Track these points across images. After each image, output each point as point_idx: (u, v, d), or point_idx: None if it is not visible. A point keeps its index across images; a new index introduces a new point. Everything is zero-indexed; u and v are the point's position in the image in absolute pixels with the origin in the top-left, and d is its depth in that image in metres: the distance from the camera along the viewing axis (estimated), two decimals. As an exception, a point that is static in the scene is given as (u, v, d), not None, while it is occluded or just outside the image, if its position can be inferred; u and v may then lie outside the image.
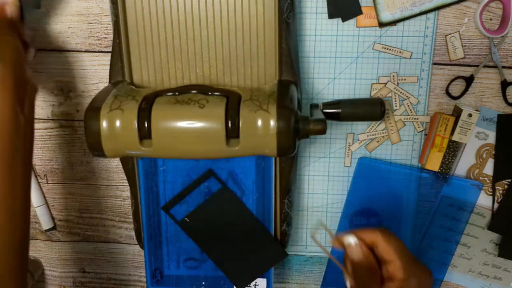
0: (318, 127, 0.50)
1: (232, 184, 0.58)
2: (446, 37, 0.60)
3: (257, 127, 0.48)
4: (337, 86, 0.63)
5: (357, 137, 0.65)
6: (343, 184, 0.67)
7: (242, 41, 0.54)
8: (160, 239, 0.61)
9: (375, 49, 0.61)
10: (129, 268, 0.75)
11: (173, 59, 0.55)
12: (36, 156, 0.69)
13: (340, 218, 0.68)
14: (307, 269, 0.72)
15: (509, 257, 0.66)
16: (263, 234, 0.59)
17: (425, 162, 0.63)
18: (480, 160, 0.64)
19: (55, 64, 0.64)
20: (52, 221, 0.72)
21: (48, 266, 0.75)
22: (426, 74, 0.61)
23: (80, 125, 0.67)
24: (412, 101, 0.63)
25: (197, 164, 0.57)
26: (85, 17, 0.62)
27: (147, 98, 0.50)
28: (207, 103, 0.49)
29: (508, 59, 0.61)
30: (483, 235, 0.67)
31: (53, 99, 0.66)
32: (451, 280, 0.70)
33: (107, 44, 0.63)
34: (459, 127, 0.60)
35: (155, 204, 0.59)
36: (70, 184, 0.70)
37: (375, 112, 0.56)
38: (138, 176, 0.58)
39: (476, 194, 0.65)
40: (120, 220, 0.72)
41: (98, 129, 0.48)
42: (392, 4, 0.59)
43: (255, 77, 0.55)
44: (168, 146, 0.49)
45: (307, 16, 0.60)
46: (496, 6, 0.59)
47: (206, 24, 0.54)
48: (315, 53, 0.61)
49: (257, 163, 0.57)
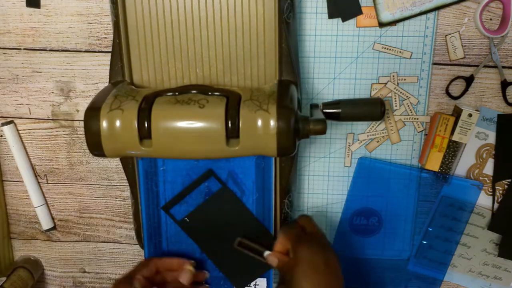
0: (318, 127, 0.50)
1: (232, 184, 0.58)
2: (446, 37, 0.60)
3: (257, 127, 0.48)
4: (337, 86, 0.63)
5: (357, 137, 0.65)
6: (343, 184, 0.67)
7: (242, 41, 0.54)
8: (160, 239, 0.61)
9: (375, 49, 0.61)
10: (129, 268, 0.74)
11: (173, 59, 0.55)
12: (36, 156, 0.69)
13: (340, 218, 0.68)
14: (307, 269, 0.71)
15: (509, 257, 0.66)
16: (263, 234, 0.59)
17: (425, 162, 0.62)
18: (480, 160, 0.64)
19: (55, 64, 0.64)
20: (52, 221, 0.72)
21: (48, 266, 0.75)
22: (426, 74, 0.61)
23: (80, 125, 0.67)
24: (412, 101, 0.63)
25: (197, 164, 0.57)
26: (85, 17, 0.62)
27: (147, 98, 0.50)
28: (207, 103, 0.49)
29: (508, 59, 0.61)
30: (483, 235, 0.67)
31: (53, 99, 0.66)
32: (451, 280, 0.70)
33: (107, 44, 0.63)
34: (459, 127, 0.60)
35: (155, 204, 0.59)
36: (70, 184, 0.70)
37: (375, 112, 0.56)
38: (138, 176, 0.58)
39: (476, 194, 0.65)
40: (120, 220, 0.72)
41: (98, 129, 0.48)
42: (392, 4, 0.59)
43: (255, 77, 0.55)
44: (168, 146, 0.49)
45: (307, 16, 0.60)
46: (496, 6, 0.59)
47: (206, 24, 0.54)
48: (315, 53, 0.61)
49: (257, 163, 0.57)
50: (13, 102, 0.67)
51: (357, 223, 0.68)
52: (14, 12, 0.63)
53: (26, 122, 0.67)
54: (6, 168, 0.70)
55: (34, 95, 0.66)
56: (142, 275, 0.56)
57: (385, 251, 0.69)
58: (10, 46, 0.64)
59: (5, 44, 0.64)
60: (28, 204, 0.71)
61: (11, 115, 0.67)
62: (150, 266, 0.57)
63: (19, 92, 0.66)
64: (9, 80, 0.66)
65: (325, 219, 0.68)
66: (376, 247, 0.69)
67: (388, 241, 0.68)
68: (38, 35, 0.63)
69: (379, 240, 0.68)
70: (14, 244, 0.74)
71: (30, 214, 0.72)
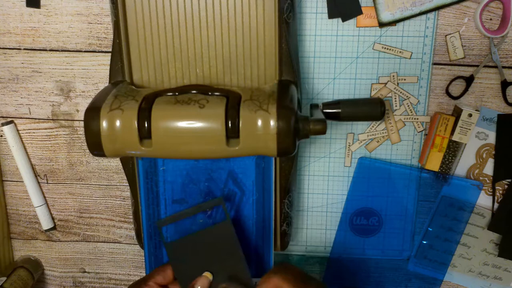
0: (318, 127, 0.49)
1: (232, 184, 0.58)
2: (446, 37, 0.60)
3: (257, 127, 0.48)
4: (337, 86, 0.63)
5: (357, 137, 0.65)
6: (343, 184, 0.67)
7: (242, 41, 0.54)
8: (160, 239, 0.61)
9: (375, 49, 0.61)
10: (129, 268, 0.75)
11: (173, 59, 0.55)
12: (36, 156, 0.69)
13: (340, 218, 0.68)
14: (307, 269, 0.71)
15: (509, 257, 0.66)
16: (245, 280, 0.55)
17: (425, 162, 0.62)
18: (480, 160, 0.64)
19: (55, 64, 0.64)
20: (52, 221, 0.72)
21: (48, 266, 0.75)
22: (426, 74, 0.61)
23: (80, 125, 0.67)
24: (412, 101, 0.63)
25: (197, 164, 0.57)
26: (85, 17, 0.62)
27: (147, 98, 0.50)
28: (207, 103, 0.49)
29: (508, 59, 0.61)
30: (483, 235, 0.67)
31: (53, 99, 0.66)
32: (451, 280, 0.70)
33: (107, 44, 0.63)
34: (459, 127, 0.60)
35: (155, 204, 0.59)
36: (70, 184, 0.70)
37: (375, 112, 0.56)
38: (138, 176, 0.58)
39: (476, 194, 0.65)
40: (120, 220, 0.72)
41: (98, 129, 0.48)
42: (392, 4, 0.59)
43: (255, 77, 0.55)
44: (168, 146, 0.49)
45: (307, 16, 0.60)
46: (496, 6, 0.59)
47: (206, 24, 0.54)
48: (315, 53, 0.61)
49: (257, 163, 0.57)
50: (13, 102, 0.67)
51: (357, 223, 0.68)
52: (14, 12, 0.63)
53: (26, 122, 0.67)
54: (6, 168, 0.70)
55: (34, 95, 0.66)
56: (156, 282, 0.54)
57: (385, 251, 0.69)
58: (10, 46, 0.64)
59: (5, 44, 0.64)
60: (28, 204, 0.71)
61: (11, 115, 0.67)
62: (167, 272, 0.55)
63: (19, 92, 0.66)
64: (9, 80, 0.66)
65: (325, 219, 0.68)
66: (376, 247, 0.69)
67: (388, 241, 0.68)
68: (38, 35, 0.63)
69: (379, 240, 0.68)
70: (14, 244, 0.74)
71: (30, 214, 0.72)
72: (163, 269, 0.55)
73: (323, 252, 0.70)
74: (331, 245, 0.69)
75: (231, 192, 0.59)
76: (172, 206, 0.59)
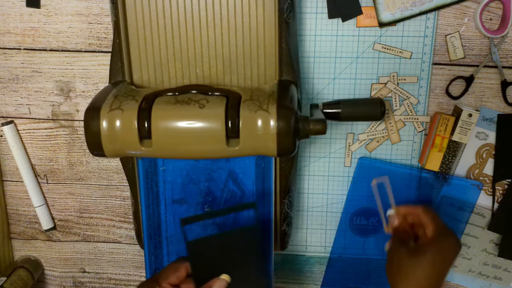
0: (318, 127, 0.49)
1: (232, 184, 0.58)
2: (446, 37, 0.60)
3: (257, 127, 0.48)
4: (337, 86, 0.63)
5: (357, 137, 0.65)
6: (343, 184, 0.67)
7: (242, 41, 0.54)
8: (160, 239, 0.61)
9: (375, 49, 0.61)
10: (129, 268, 0.75)
11: (173, 59, 0.55)
12: (36, 156, 0.69)
13: (340, 218, 0.68)
14: (307, 269, 0.72)
15: (509, 257, 0.66)
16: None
17: (425, 162, 0.62)
18: (480, 160, 0.64)
19: (55, 64, 0.64)
20: (52, 221, 0.72)
21: (48, 266, 0.75)
22: (426, 74, 0.61)
23: (80, 125, 0.67)
24: (412, 101, 0.63)
25: (197, 164, 0.57)
26: (85, 17, 0.62)
27: (147, 98, 0.50)
28: (207, 103, 0.49)
29: (508, 59, 0.61)
30: (483, 235, 0.67)
31: (53, 99, 0.66)
32: (451, 280, 0.70)
33: (107, 44, 0.63)
34: (459, 127, 0.60)
35: (155, 204, 0.59)
36: (70, 184, 0.70)
37: (375, 112, 0.56)
38: (138, 176, 0.58)
39: (476, 194, 0.65)
40: (120, 220, 0.72)
41: (98, 129, 0.48)
42: (392, 4, 0.59)
43: (255, 77, 0.55)
44: (168, 146, 0.49)
45: (307, 16, 0.60)
46: (496, 6, 0.59)
47: (206, 24, 0.54)
48: (315, 53, 0.61)
49: (257, 163, 0.57)
50: (13, 102, 0.67)
51: (357, 223, 0.68)
52: (14, 12, 0.63)
53: (26, 122, 0.68)
54: (6, 168, 0.70)
55: (34, 95, 0.66)
56: (169, 283, 0.52)
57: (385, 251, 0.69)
58: (10, 46, 0.64)
59: (5, 44, 0.64)
60: (28, 204, 0.71)
61: (11, 115, 0.67)
62: (181, 272, 0.53)
63: (19, 92, 0.66)
64: (9, 80, 0.66)
65: (325, 219, 0.68)
66: (376, 247, 0.69)
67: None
68: (38, 35, 0.63)
69: (379, 240, 0.68)
70: (14, 244, 0.74)
71: (30, 214, 0.72)
72: (177, 268, 0.54)
73: (323, 252, 0.70)
74: (331, 245, 0.69)
75: (231, 192, 0.59)
76: (172, 206, 0.59)
